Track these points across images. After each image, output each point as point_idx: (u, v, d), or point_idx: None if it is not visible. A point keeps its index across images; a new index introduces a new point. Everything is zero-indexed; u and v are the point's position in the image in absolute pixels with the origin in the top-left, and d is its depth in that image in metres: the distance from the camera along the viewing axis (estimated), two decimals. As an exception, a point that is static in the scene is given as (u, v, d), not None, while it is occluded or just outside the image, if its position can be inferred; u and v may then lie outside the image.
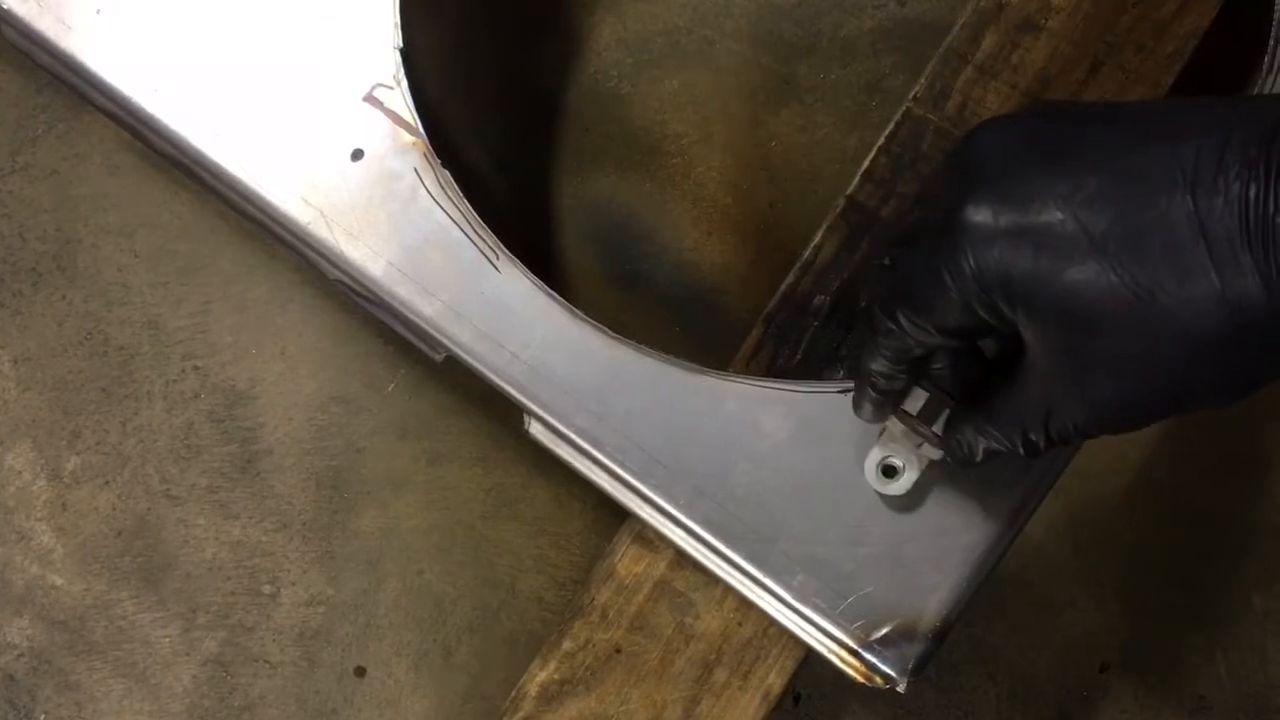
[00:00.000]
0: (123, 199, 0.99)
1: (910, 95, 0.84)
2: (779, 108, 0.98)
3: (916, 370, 0.59)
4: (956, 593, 0.67)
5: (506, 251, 0.74)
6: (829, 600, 0.68)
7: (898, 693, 0.68)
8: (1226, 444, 0.93)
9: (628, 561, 0.77)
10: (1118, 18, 0.83)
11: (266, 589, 0.92)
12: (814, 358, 0.79)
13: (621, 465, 0.71)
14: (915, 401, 0.62)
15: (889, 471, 0.66)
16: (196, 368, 0.96)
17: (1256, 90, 0.73)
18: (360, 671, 0.90)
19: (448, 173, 0.75)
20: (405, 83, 0.77)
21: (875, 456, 0.67)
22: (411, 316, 0.74)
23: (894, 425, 0.64)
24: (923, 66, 0.84)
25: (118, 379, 0.96)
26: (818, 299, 0.81)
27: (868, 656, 0.67)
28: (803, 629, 0.70)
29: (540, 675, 0.76)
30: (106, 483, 0.94)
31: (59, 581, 0.93)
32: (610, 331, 0.73)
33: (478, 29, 1.00)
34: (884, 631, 0.67)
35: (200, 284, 0.97)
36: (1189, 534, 0.91)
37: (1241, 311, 0.45)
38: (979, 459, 0.59)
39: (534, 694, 0.76)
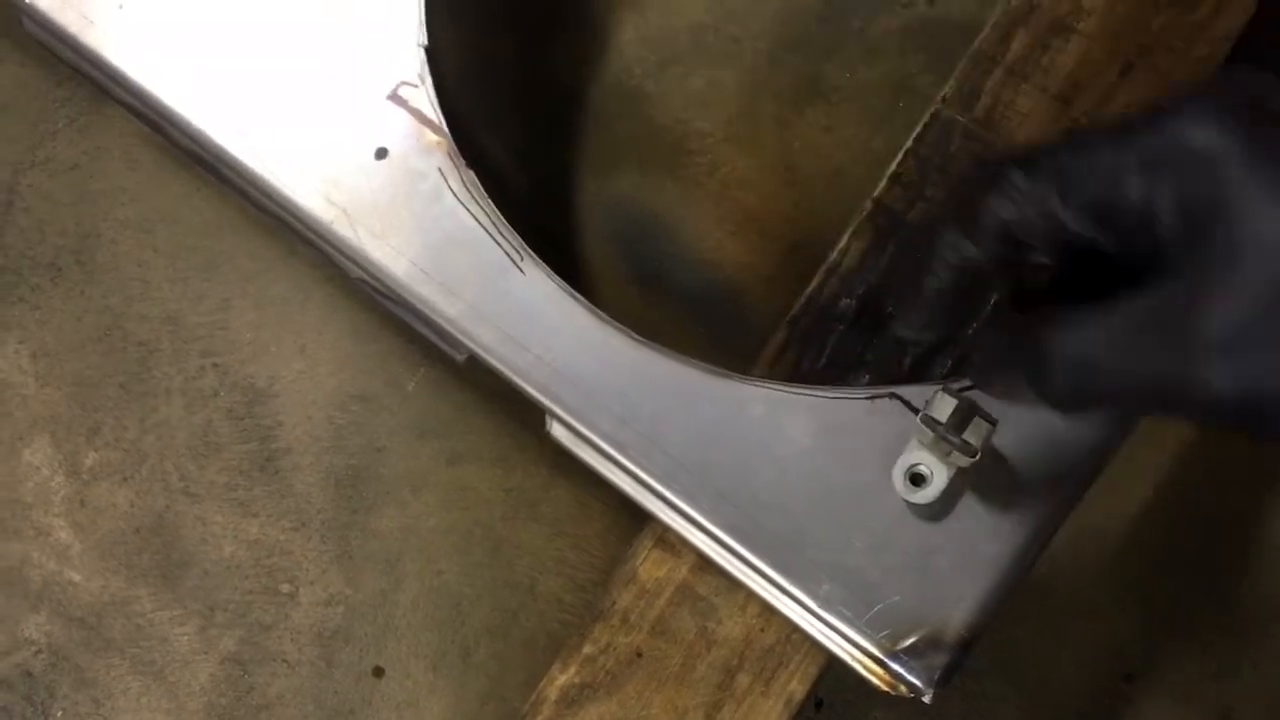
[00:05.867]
0: (142, 194, 0.99)
1: (939, 96, 0.83)
2: (805, 107, 0.97)
3: (1014, 255, 0.53)
4: (984, 603, 0.66)
5: (530, 252, 0.73)
6: (855, 609, 0.67)
7: (921, 701, 0.67)
8: (1257, 452, 0.92)
9: (649, 565, 0.76)
10: (1150, 20, 0.82)
11: (285, 588, 0.91)
12: (839, 362, 0.79)
13: (645, 469, 0.71)
14: (944, 408, 0.61)
15: (917, 479, 0.66)
16: (216, 365, 0.95)
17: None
18: (378, 672, 0.90)
19: (472, 173, 0.75)
20: (430, 81, 0.77)
21: (903, 464, 0.66)
22: (434, 317, 0.73)
23: (922, 433, 0.63)
24: (952, 67, 0.83)
25: (136, 375, 0.96)
26: (843, 303, 0.80)
27: (893, 666, 0.67)
28: (827, 636, 0.69)
29: (560, 678, 0.76)
30: (125, 479, 0.94)
31: (77, 578, 0.92)
32: (634, 334, 0.72)
33: (500, 26, 0.99)
34: (910, 641, 0.66)
35: (220, 280, 0.97)
36: (1217, 544, 0.90)
37: None
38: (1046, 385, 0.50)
39: (554, 697, 0.75)
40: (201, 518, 0.93)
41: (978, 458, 0.61)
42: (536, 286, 0.73)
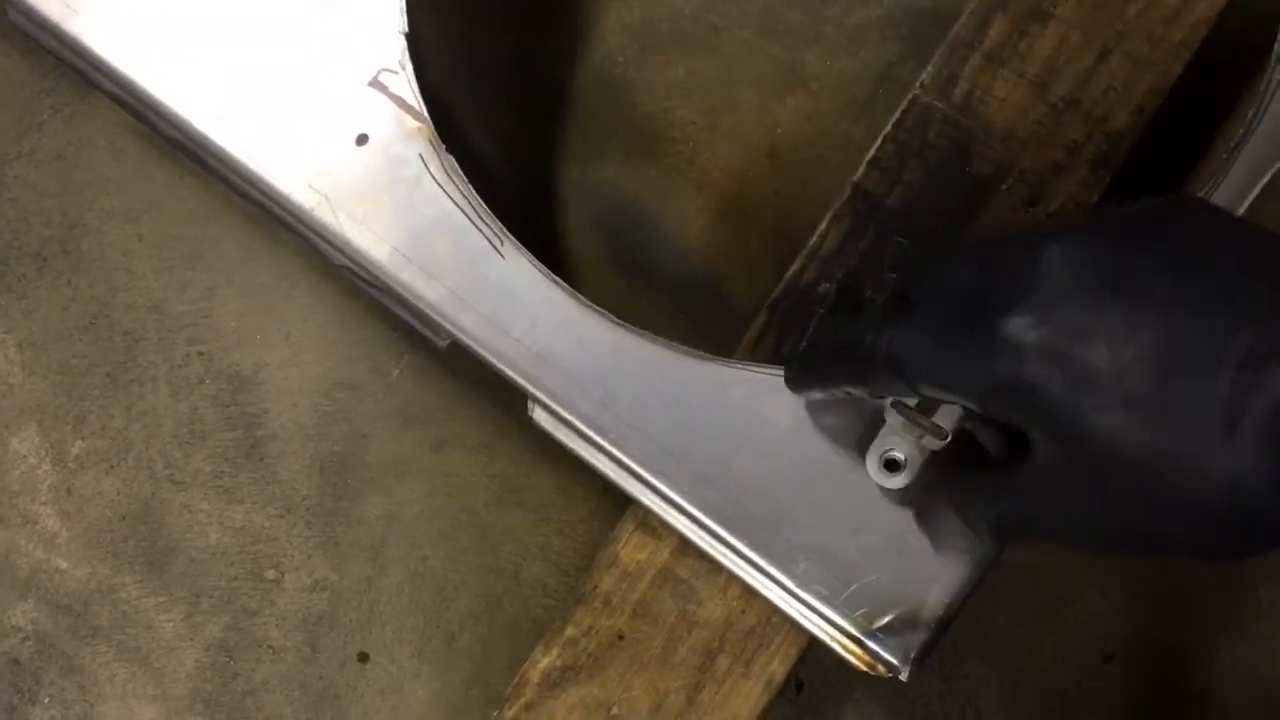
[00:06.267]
0: (127, 184, 0.99)
1: (917, 83, 0.83)
2: (785, 95, 0.97)
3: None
4: (960, 582, 0.67)
5: (511, 237, 0.74)
6: (832, 588, 0.68)
7: (900, 681, 0.68)
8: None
9: (631, 549, 0.77)
10: (1126, 5, 0.82)
11: (270, 574, 0.92)
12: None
13: (625, 452, 0.71)
14: None
15: (891, 465, 0.66)
16: (201, 353, 0.96)
17: (1265, 80, 0.72)
18: (363, 657, 0.90)
19: (452, 158, 0.75)
20: (410, 67, 0.77)
21: (876, 449, 0.66)
22: (416, 302, 0.74)
23: (893, 417, 0.64)
24: (930, 54, 0.84)
25: (122, 364, 0.96)
26: (823, 286, 0.80)
27: (870, 645, 0.67)
28: (805, 617, 0.70)
29: (543, 662, 0.76)
30: (111, 467, 0.94)
31: (64, 565, 0.93)
32: (615, 318, 0.72)
33: (483, 14, 1.00)
34: (886, 620, 0.67)
35: (205, 269, 0.97)
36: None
37: (1244, 503, 0.47)
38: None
39: (536, 680, 0.76)
40: (187, 505, 0.93)
41: (949, 440, 0.62)
42: (516, 271, 0.73)
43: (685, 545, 0.74)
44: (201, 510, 0.93)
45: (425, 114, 0.76)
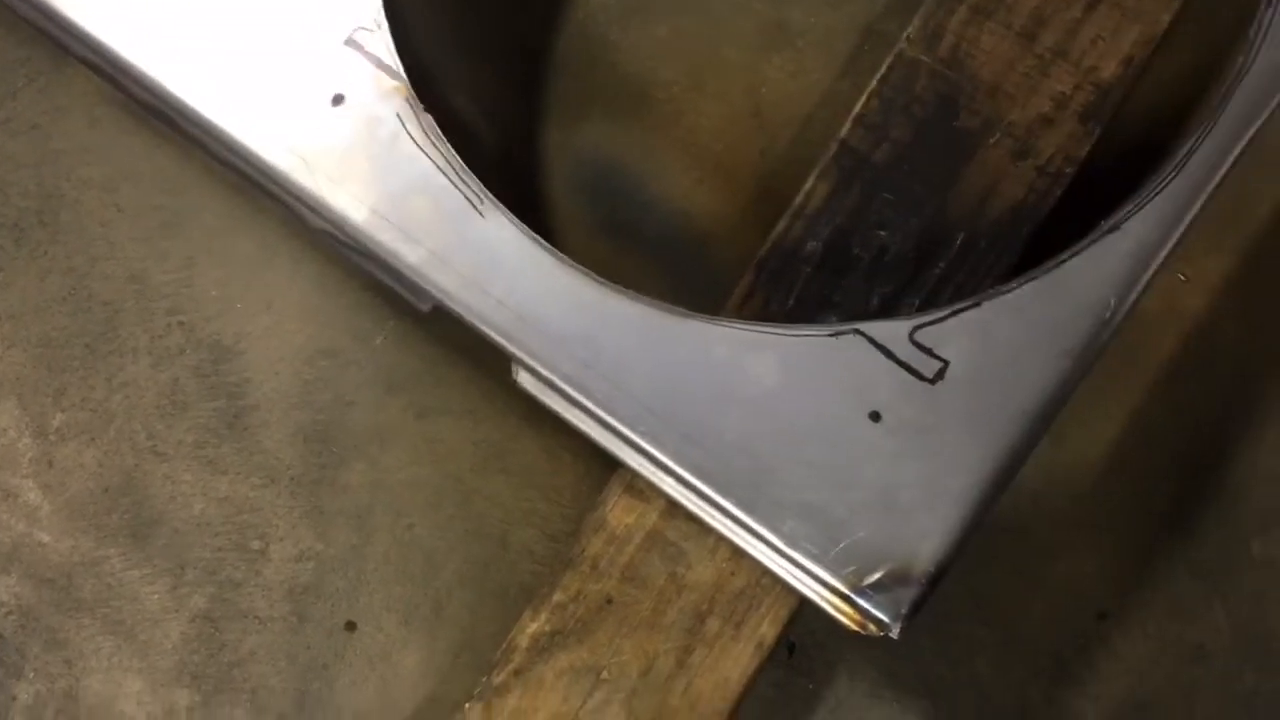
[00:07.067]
0: (105, 152, 0.98)
1: (903, 36, 0.82)
2: (770, 53, 0.96)
3: None
4: (950, 537, 0.66)
5: (491, 197, 0.73)
6: (820, 546, 0.67)
7: (892, 641, 0.67)
8: (1223, 393, 0.92)
9: (619, 512, 0.76)
10: (1115, -46, 0.81)
11: (255, 544, 0.91)
12: (807, 304, 0.78)
13: (610, 412, 0.70)
14: None
15: None
16: (182, 323, 0.95)
17: (1255, 24, 0.71)
18: (350, 626, 0.89)
19: (430, 118, 0.74)
20: (387, 25, 0.76)
21: None
22: (396, 264, 0.73)
23: None
24: (916, 7, 0.83)
25: (102, 335, 0.95)
26: (810, 245, 0.80)
27: (860, 602, 0.66)
28: (795, 576, 0.69)
29: (531, 627, 0.75)
30: (92, 439, 0.93)
31: (46, 539, 0.92)
32: (598, 277, 0.71)
33: (462, -26, 0.99)
34: (876, 576, 0.66)
35: (184, 238, 0.96)
36: (1187, 483, 0.91)
37: None
38: None
39: (525, 645, 0.75)
40: (170, 476, 0.92)
41: None
42: (498, 231, 0.72)
43: (673, 507, 0.74)
44: (185, 481, 0.92)
45: (402, 73, 0.75)
